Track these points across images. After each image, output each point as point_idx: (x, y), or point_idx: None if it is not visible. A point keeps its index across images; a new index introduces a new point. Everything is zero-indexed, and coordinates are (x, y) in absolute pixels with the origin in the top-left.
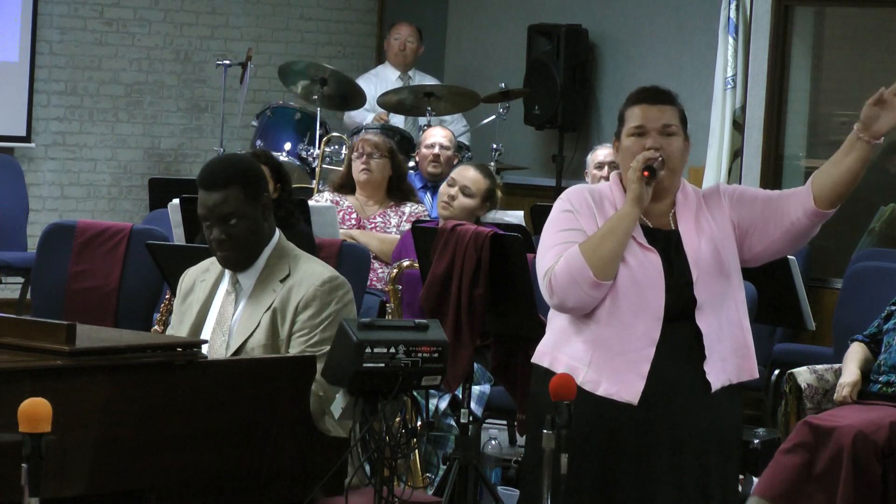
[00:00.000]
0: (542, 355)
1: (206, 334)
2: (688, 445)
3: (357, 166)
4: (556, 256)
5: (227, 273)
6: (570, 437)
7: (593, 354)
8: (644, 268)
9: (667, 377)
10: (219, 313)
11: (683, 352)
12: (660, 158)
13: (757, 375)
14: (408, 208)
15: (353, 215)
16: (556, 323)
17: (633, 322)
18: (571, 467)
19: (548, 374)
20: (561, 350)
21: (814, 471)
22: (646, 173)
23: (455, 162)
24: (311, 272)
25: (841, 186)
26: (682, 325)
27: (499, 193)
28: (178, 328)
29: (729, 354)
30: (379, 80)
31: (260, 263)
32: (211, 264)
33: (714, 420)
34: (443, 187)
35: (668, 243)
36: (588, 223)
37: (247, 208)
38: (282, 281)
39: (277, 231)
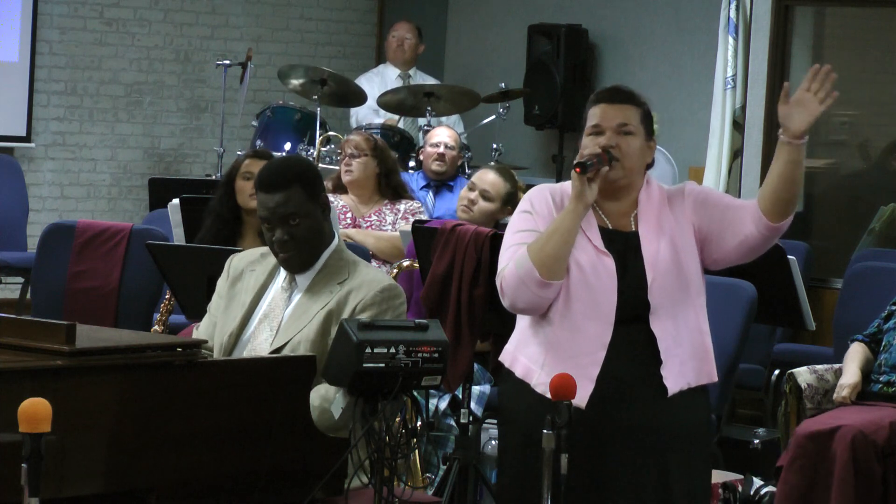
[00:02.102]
0: (506, 354)
1: (251, 327)
2: (645, 446)
3: (342, 168)
4: (510, 258)
5: (283, 270)
6: (530, 437)
7: (546, 357)
8: (597, 271)
9: (619, 380)
10: (268, 307)
11: (637, 355)
12: (600, 156)
13: (716, 378)
14: (403, 205)
15: (348, 215)
16: (520, 324)
17: (585, 325)
18: (527, 469)
19: (509, 374)
20: (521, 351)
21: (818, 479)
22: (576, 169)
23: (459, 162)
24: (371, 278)
25: (779, 193)
26: (636, 329)
27: (520, 195)
28: (225, 314)
29: (688, 358)
30: (380, 80)
31: (318, 264)
32: (261, 255)
33: (672, 420)
34: (463, 191)
35: (625, 246)
36: (545, 224)
37: (309, 207)
38: (340, 283)
39: (337, 235)
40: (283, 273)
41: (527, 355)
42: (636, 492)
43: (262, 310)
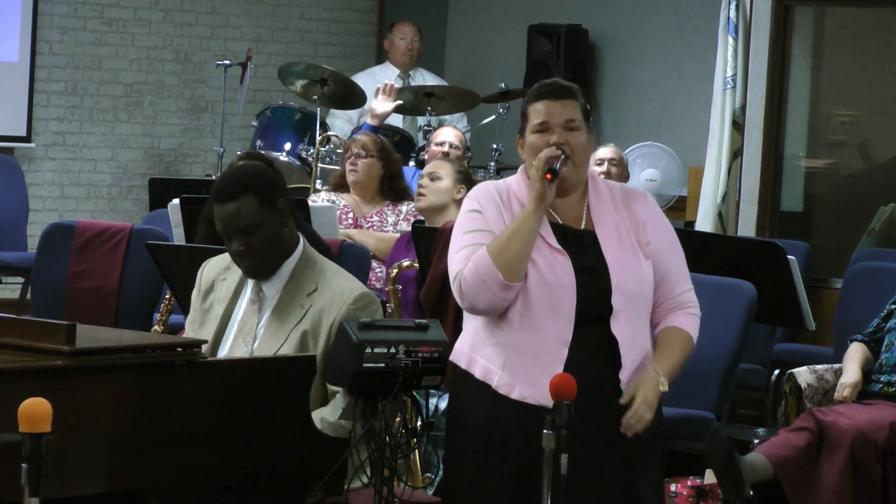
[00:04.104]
0: (460, 355)
1: (227, 342)
2: (610, 445)
3: (346, 167)
4: (464, 259)
5: (251, 280)
6: (491, 441)
7: (507, 357)
8: (553, 269)
9: (582, 379)
10: (241, 322)
11: (598, 355)
12: (562, 156)
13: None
14: (405, 207)
15: (350, 214)
16: (472, 324)
17: (546, 324)
18: (487, 472)
19: (465, 374)
20: (477, 352)
21: (815, 459)
22: (548, 176)
23: (463, 162)
24: (342, 289)
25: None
26: (594, 330)
27: (473, 177)
28: (200, 331)
29: (638, 366)
30: (378, 80)
31: (285, 273)
32: (231, 263)
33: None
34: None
35: (581, 244)
36: (495, 222)
37: (263, 216)
38: (309, 295)
39: (302, 239)
40: (250, 284)
41: (484, 356)
42: (601, 493)
43: (235, 324)
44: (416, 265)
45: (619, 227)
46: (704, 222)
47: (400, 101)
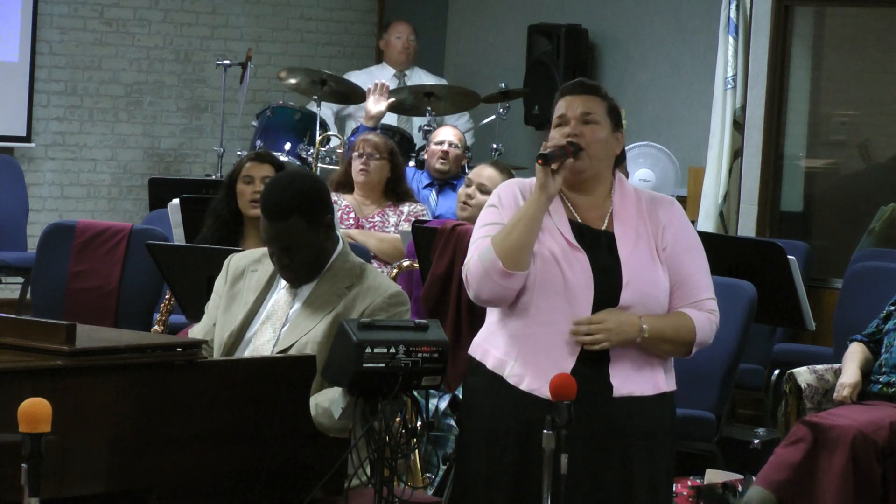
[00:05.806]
0: (476, 347)
1: (255, 327)
2: (609, 442)
3: (356, 166)
4: (475, 251)
5: None
6: (496, 432)
7: (520, 350)
8: (571, 265)
9: (589, 377)
10: (271, 308)
11: (605, 355)
12: (565, 146)
13: (675, 388)
14: (406, 207)
15: (352, 215)
16: (490, 317)
17: (560, 320)
18: (490, 463)
19: (479, 366)
20: (491, 344)
21: (813, 465)
22: (539, 161)
23: (463, 162)
24: (379, 284)
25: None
26: None
27: None
28: (225, 313)
29: (658, 364)
30: (374, 80)
31: (323, 269)
32: (262, 255)
33: (637, 418)
34: (461, 189)
35: (597, 242)
36: (510, 217)
37: (308, 237)
38: (347, 288)
39: (342, 241)
40: None
41: (497, 347)
42: (596, 492)
43: (265, 310)
44: (416, 265)
45: (639, 230)
46: (706, 222)
47: (393, 100)
